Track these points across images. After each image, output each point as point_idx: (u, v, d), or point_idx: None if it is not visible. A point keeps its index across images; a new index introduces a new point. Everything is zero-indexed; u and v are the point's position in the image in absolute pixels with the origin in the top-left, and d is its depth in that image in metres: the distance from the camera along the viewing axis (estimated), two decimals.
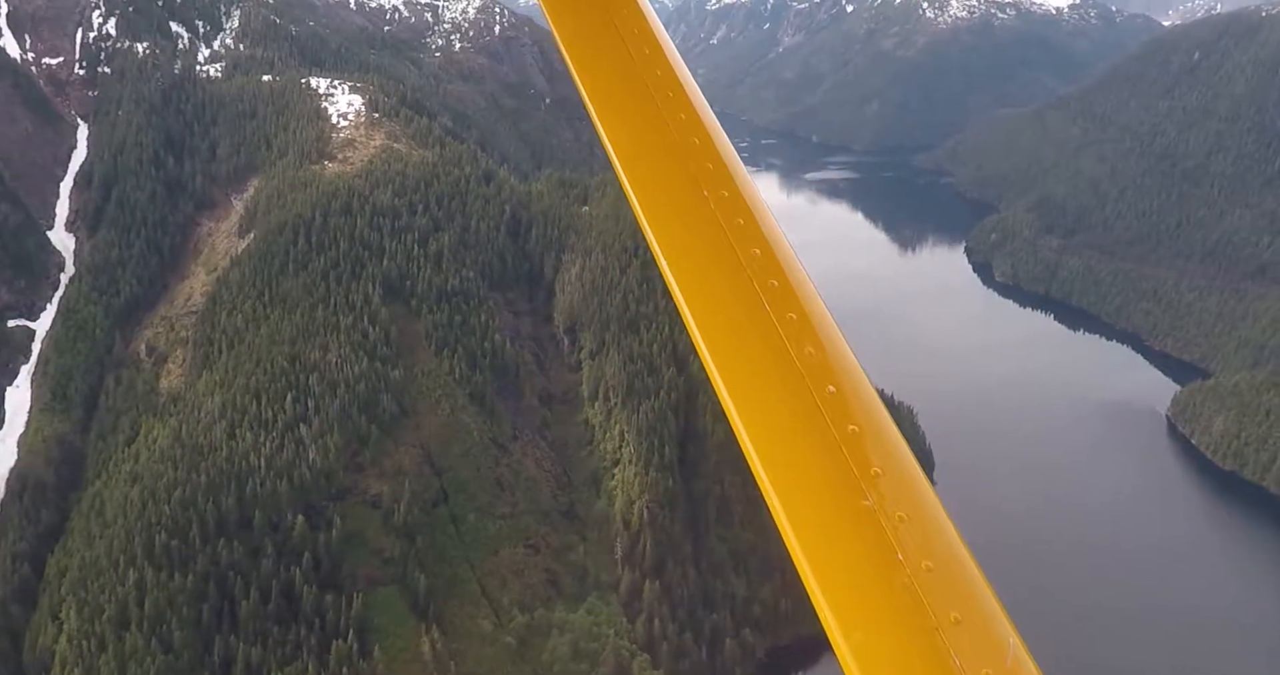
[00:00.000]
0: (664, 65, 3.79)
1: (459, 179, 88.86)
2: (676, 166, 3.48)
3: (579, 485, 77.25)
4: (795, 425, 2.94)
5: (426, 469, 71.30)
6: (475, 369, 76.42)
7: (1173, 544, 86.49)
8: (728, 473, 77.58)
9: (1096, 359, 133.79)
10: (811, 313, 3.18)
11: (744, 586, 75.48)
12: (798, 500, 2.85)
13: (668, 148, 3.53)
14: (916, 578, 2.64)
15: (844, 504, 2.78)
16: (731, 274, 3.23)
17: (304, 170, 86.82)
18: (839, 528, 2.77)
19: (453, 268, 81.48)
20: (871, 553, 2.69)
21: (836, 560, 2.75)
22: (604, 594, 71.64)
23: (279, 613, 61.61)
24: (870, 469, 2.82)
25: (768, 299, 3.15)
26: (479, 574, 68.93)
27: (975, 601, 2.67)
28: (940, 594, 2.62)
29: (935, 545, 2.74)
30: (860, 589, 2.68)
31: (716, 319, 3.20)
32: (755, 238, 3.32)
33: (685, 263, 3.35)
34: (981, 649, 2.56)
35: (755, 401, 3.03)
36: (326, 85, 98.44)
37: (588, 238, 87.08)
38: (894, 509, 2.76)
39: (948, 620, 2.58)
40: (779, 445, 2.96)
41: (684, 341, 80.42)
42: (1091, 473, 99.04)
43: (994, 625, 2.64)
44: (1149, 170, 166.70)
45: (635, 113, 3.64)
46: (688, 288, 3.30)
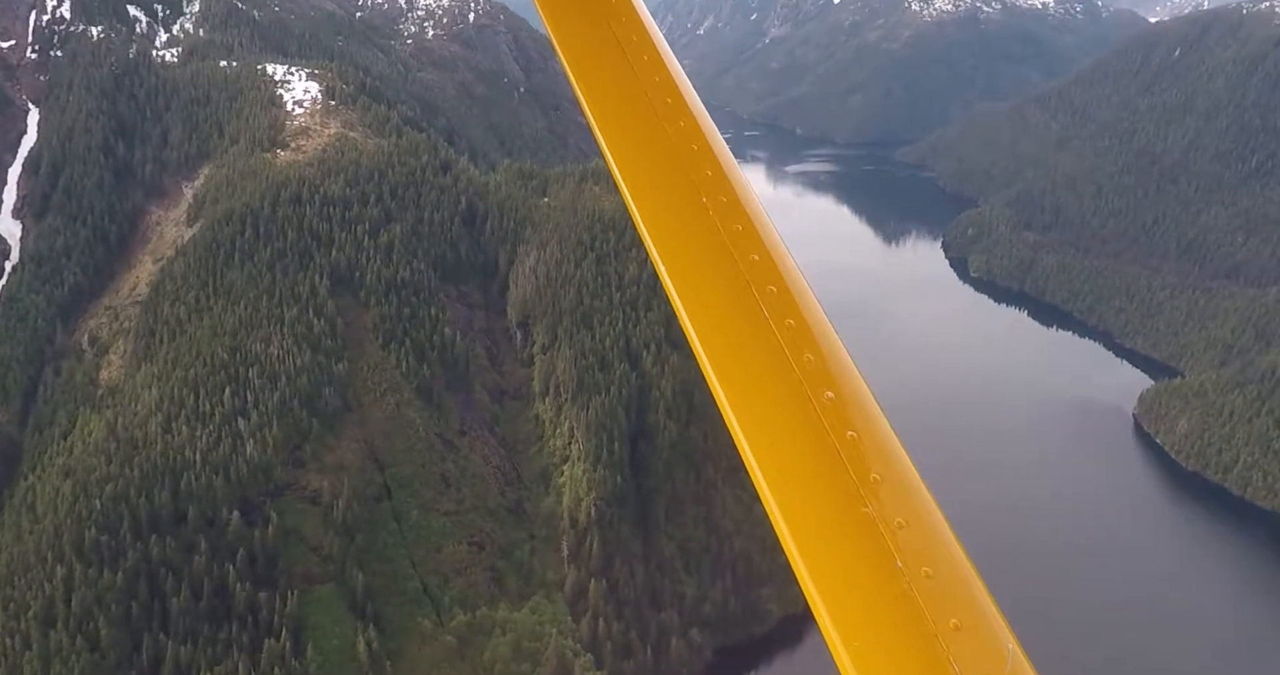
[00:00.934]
0: (662, 72, 3.81)
1: (414, 169, 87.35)
2: (675, 173, 3.50)
3: (528, 482, 76.12)
4: (794, 431, 2.93)
5: (369, 464, 70.04)
6: (423, 363, 75.14)
7: (1127, 543, 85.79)
8: (679, 470, 76.59)
9: (1067, 356, 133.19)
10: (810, 319, 3.19)
11: (694, 585, 74.52)
12: (797, 507, 2.83)
13: (666, 154, 3.55)
14: (916, 584, 2.64)
15: (843, 511, 2.78)
16: (730, 280, 3.24)
17: (255, 158, 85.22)
18: (838, 534, 2.76)
19: (404, 259, 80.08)
20: (870, 559, 2.69)
21: (836, 567, 2.74)
22: (550, 593, 70.61)
23: (211, 611, 60.34)
24: (869, 475, 2.83)
25: (766, 305, 3.17)
26: (421, 572, 67.78)
27: (974, 608, 2.67)
28: (939, 601, 2.62)
29: (934, 552, 2.74)
30: (859, 596, 2.69)
31: (715, 325, 3.21)
32: (754, 243, 3.34)
33: (684, 269, 3.34)
34: (981, 656, 2.55)
35: (754, 408, 3.02)
36: (283, 72, 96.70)
37: (544, 230, 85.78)
38: (893, 515, 2.76)
39: (947, 627, 2.57)
40: (778, 451, 2.94)
41: (638, 337, 79.38)
42: (1054, 471, 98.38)
43: (993, 632, 2.63)
44: (1127, 167, 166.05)
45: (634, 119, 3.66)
46: (686, 294, 3.28)
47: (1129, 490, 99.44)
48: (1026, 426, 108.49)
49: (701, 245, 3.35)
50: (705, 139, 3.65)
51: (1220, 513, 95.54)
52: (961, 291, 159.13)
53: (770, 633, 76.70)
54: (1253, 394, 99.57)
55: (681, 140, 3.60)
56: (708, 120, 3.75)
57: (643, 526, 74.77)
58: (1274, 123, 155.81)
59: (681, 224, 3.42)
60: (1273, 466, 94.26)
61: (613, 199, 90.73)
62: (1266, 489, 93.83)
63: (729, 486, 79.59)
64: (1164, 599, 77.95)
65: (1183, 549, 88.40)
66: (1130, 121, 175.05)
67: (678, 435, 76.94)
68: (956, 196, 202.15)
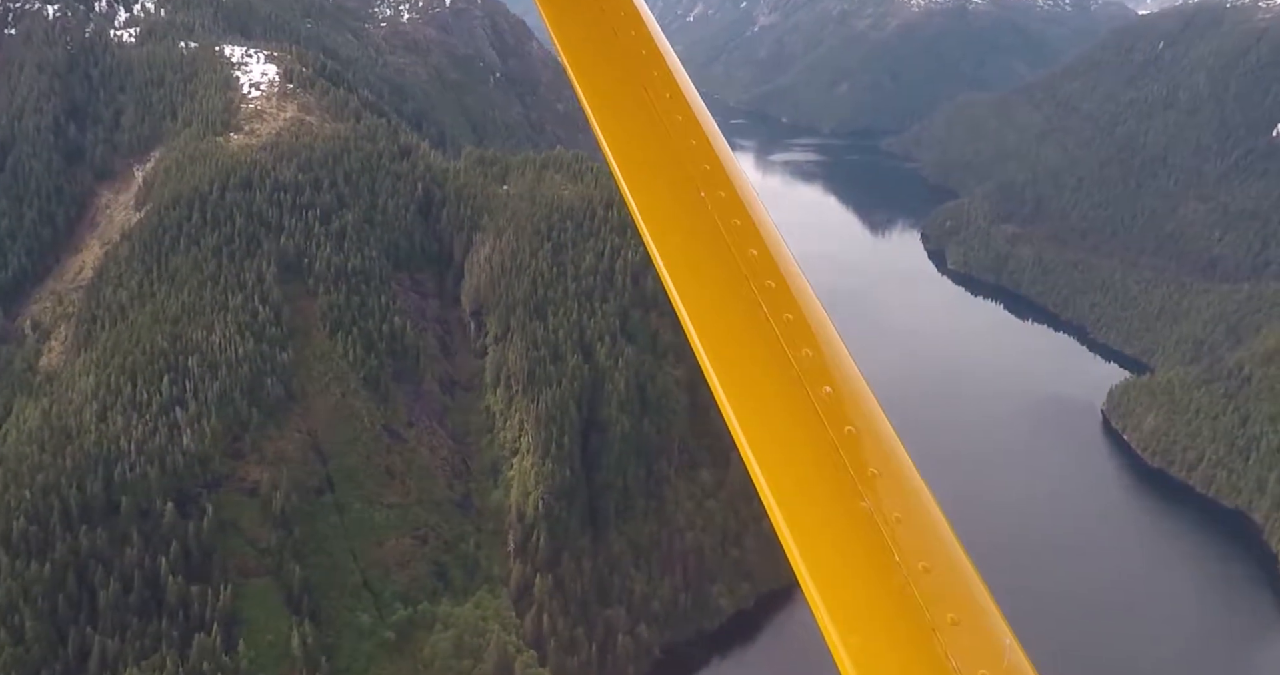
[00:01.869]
0: (661, 67, 3.81)
1: (371, 154, 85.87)
2: (674, 167, 3.50)
3: (477, 475, 74.99)
4: (792, 426, 2.94)
5: (311, 456, 68.81)
6: (371, 352, 73.84)
7: (1084, 540, 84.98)
8: (631, 464, 75.54)
9: (1040, 350, 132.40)
10: (809, 314, 3.19)
11: (643, 581, 73.57)
12: (795, 501, 2.84)
13: (665, 149, 3.54)
14: (913, 579, 2.64)
15: (841, 505, 2.78)
16: (728, 275, 3.24)
17: (206, 142, 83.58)
18: (836, 529, 2.76)
19: (355, 247, 78.68)
20: (868, 554, 2.70)
21: (833, 562, 2.74)
22: (495, 588, 69.61)
23: (141, 604, 59.12)
24: (867, 470, 2.84)
25: (765, 300, 3.17)
26: (361, 565, 66.64)
27: (972, 602, 2.68)
28: (937, 595, 2.63)
29: (932, 546, 2.74)
30: (857, 590, 2.69)
31: (713, 320, 3.20)
32: (752, 238, 3.33)
33: (682, 263, 3.33)
34: (978, 650, 2.56)
35: (752, 402, 3.02)
36: (241, 54, 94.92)
37: (501, 218, 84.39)
38: (890, 510, 2.76)
39: (945, 621, 2.58)
40: (776, 446, 2.94)
41: (592, 328, 78.19)
42: (1018, 467, 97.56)
43: (991, 626, 2.65)
44: (1108, 160, 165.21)
45: (632, 114, 3.65)
46: (684, 288, 3.26)
47: (1092, 487, 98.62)
48: (994, 421, 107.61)
49: (700, 240, 3.34)
50: (704, 133, 3.64)
51: (1183, 510, 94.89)
52: (938, 284, 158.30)
53: (721, 629, 75.87)
54: (1219, 391, 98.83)
55: (680, 135, 3.58)
56: (706, 114, 3.76)
57: (592, 521, 73.72)
58: (1254, 118, 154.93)
59: (679, 219, 3.40)
60: (1237, 464, 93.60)
61: (573, 187, 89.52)
62: (1230, 487, 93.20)
63: (682, 481, 78.68)
64: (1117, 595, 77.20)
65: (1141, 547, 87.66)
66: (1113, 114, 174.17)
67: (630, 429, 75.82)
68: (940, 187, 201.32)
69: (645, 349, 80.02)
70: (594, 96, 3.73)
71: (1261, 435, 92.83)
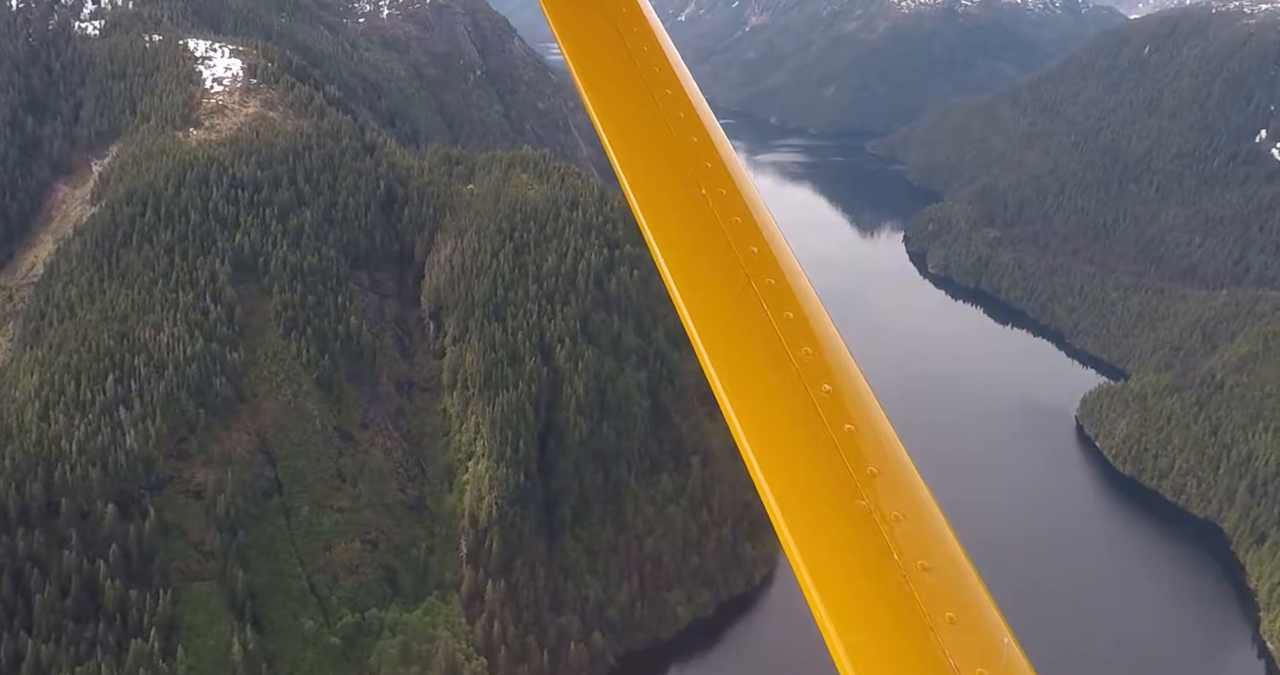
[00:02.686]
0: (663, 63, 3.83)
1: (333, 151, 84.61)
2: (675, 164, 3.50)
3: (433, 478, 73.84)
4: (791, 424, 2.94)
5: (260, 458, 67.59)
6: (325, 353, 72.60)
7: (1050, 548, 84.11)
8: (589, 469, 74.45)
9: (1017, 356, 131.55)
10: (809, 312, 3.19)
11: (599, 588, 72.54)
12: (794, 499, 2.84)
13: (666, 145, 3.55)
14: (912, 577, 2.65)
15: (840, 503, 2.78)
16: (729, 272, 3.24)
17: (165, 137, 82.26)
18: (835, 527, 2.77)
19: (312, 245, 77.44)
20: (867, 552, 2.70)
21: (832, 560, 2.74)
22: (446, 594, 68.52)
23: (77, 608, 57.90)
24: (866, 468, 2.84)
25: (765, 298, 3.18)
26: (308, 570, 65.49)
27: (970, 601, 2.68)
28: (935, 594, 2.63)
29: (930, 545, 2.75)
30: (856, 588, 2.69)
31: (713, 317, 3.20)
32: (753, 236, 3.33)
33: (682, 260, 3.33)
34: (976, 648, 2.57)
35: (752, 400, 3.02)
36: (205, 48, 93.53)
37: (463, 217, 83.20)
38: (889, 509, 2.77)
39: (943, 620, 2.59)
40: (775, 444, 2.94)
41: (552, 330, 77.10)
42: (989, 473, 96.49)
43: (989, 625, 2.65)
44: (1091, 164, 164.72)
45: (634, 110, 3.66)
46: (685, 285, 3.26)
47: (1061, 494, 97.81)
48: (966, 426, 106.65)
49: (700, 237, 3.32)
50: (705, 130, 3.62)
51: (1152, 520, 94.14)
52: (919, 287, 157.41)
53: (678, 637, 74.87)
54: (1191, 399, 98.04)
55: (681, 132, 3.58)
56: (708, 112, 3.74)
57: (547, 526, 72.64)
58: (1236, 123, 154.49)
59: (680, 216, 3.39)
60: (1207, 473, 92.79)
61: (539, 187, 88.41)
62: (1200, 496, 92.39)
63: (642, 486, 77.66)
64: (1078, 606, 76.22)
65: (1107, 557, 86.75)
66: (1097, 119, 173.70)
67: (588, 433, 74.74)
68: (924, 190, 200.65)
69: (607, 352, 78.94)
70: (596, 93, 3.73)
71: (1232, 444, 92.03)
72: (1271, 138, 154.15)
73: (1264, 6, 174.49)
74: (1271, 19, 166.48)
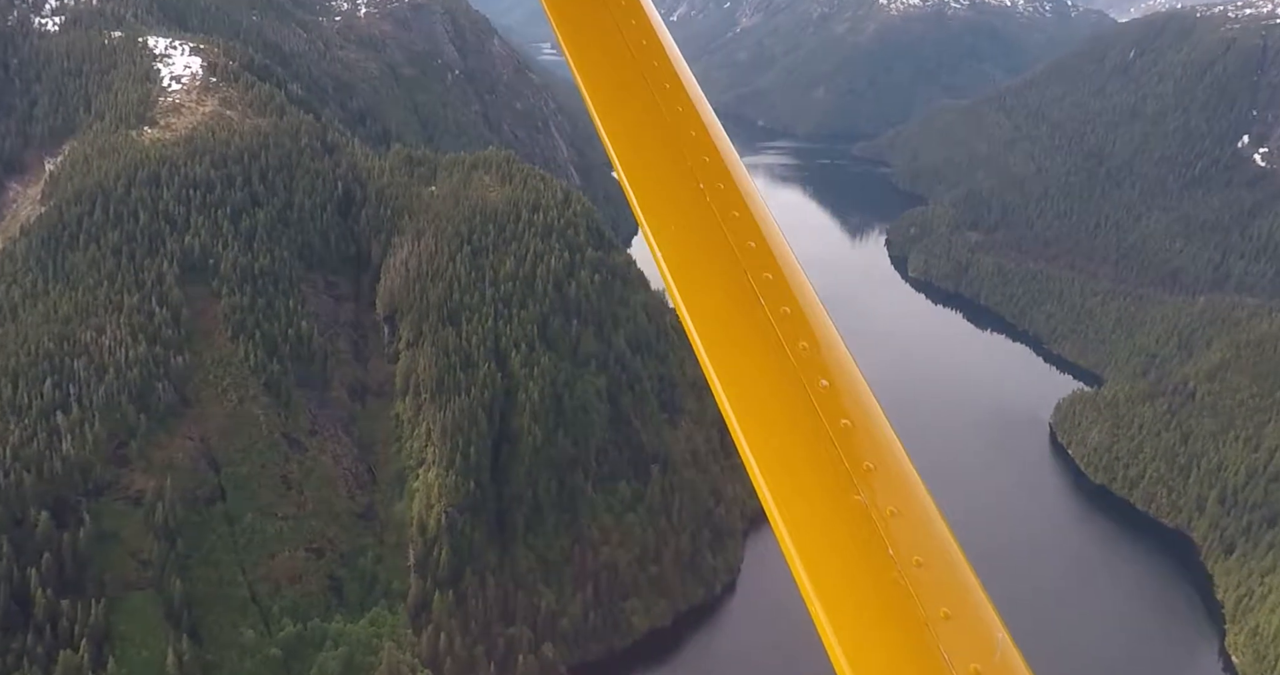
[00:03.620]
0: (661, 57, 3.80)
1: (291, 151, 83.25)
2: (673, 158, 3.50)
3: (383, 485, 72.48)
4: (788, 419, 2.95)
5: (203, 464, 66.21)
6: (274, 357, 71.20)
7: (1016, 557, 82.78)
8: (543, 477, 73.11)
9: (994, 361, 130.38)
10: (806, 307, 3.20)
11: (552, 598, 71.14)
12: (790, 494, 2.84)
13: (664, 139, 3.55)
14: (907, 573, 2.65)
15: (835, 498, 2.79)
16: (726, 266, 3.24)
17: (119, 135, 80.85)
18: (830, 522, 2.77)
19: (265, 247, 76.06)
20: (862, 548, 2.71)
21: (827, 554, 2.75)
22: (393, 604, 67.13)
23: (6, 618, 56.44)
24: (862, 464, 2.84)
25: (762, 292, 3.17)
26: (250, 579, 64.08)
27: (965, 597, 2.68)
28: (930, 589, 2.64)
29: (926, 541, 2.75)
30: (851, 584, 2.70)
31: (711, 311, 3.21)
32: (751, 230, 3.34)
33: (680, 254, 3.34)
34: (971, 644, 2.57)
35: (749, 395, 3.03)
36: (165, 45, 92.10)
37: (421, 219, 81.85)
38: (885, 504, 2.77)
39: (937, 615, 2.59)
40: (771, 439, 2.95)
41: (508, 335, 75.77)
42: (960, 480, 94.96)
43: (983, 621, 2.65)
44: (1075, 169, 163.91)
45: (632, 104, 3.66)
46: (682, 279, 3.27)
47: (1032, 503, 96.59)
48: (939, 433, 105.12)
49: (698, 232, 3.33)
50: (703, 125, 3.63)
51: (1122, 529, 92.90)
52: (900, 291, 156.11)
53: (634, 647, 73.47)
54: (1163, 407, 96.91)
55: (679, 125, 3.58)
56: (706, 106, 3.73)
57: (499, 535, 71.29)
58: (1219, 129, 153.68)
59: (678, 210, 3.40)
60: (1177, 482, 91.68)
61: (501, 189, 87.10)
62: (1170, 506, 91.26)
63: (600, 494, 76.32)
64: (1043, 617, 74.98)
65: (1075, 567, 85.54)
66: (1081, 123, 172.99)
67: (543, 440, 73.43)
68: (909, 194, 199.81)
69: (565, 357, 77.67)
70: (595, 87, 3.71)
71: (1202, 453, 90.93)
72: (1254, 143, 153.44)
73: (1248, 11, 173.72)
74: (1255, 24, 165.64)
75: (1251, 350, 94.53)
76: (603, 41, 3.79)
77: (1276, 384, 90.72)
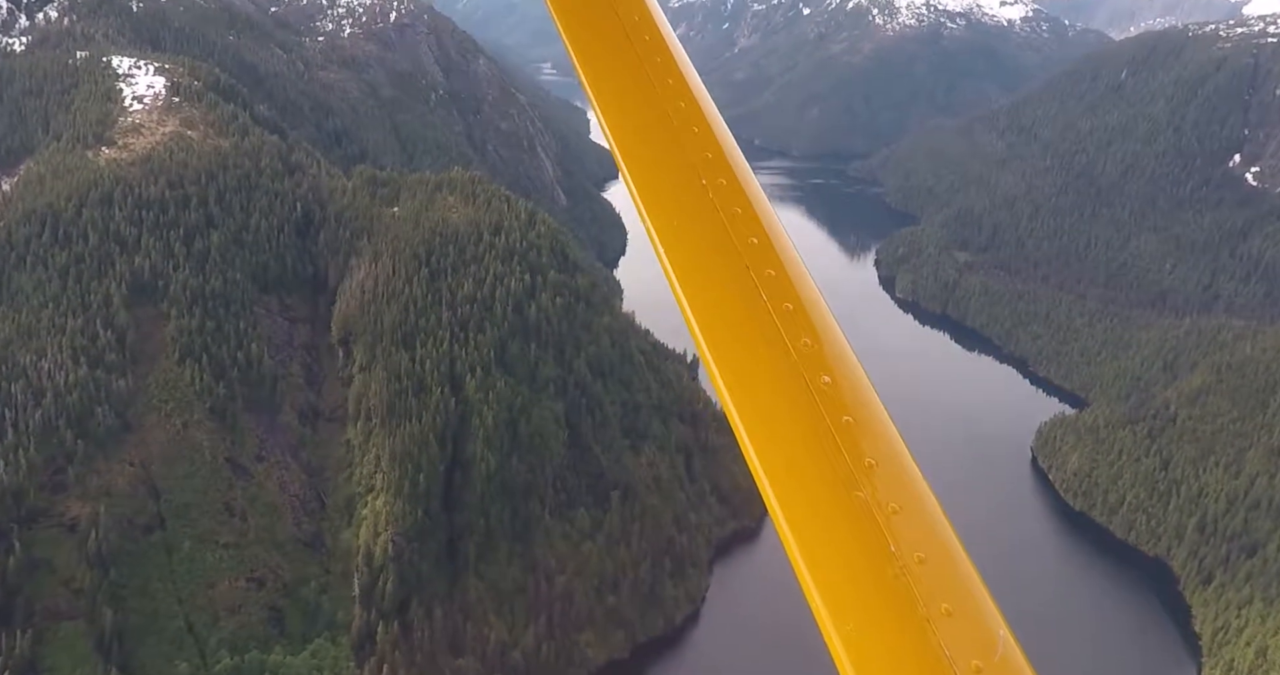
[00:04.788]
0: (664, 52, 3.80)
1: (250, 172, 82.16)
2: (675, 154, 3.49)
3: (332, 512, 70.87)
4: (790, 415, 2.94)
5: (143, 490, 64.69)
6: (221, 380, 69.79)
7: (989, 585, 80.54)
8: (496, 504, 71.43)
9: (978, 383, 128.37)
10: (808, 303, 3.20)
11: (504, 629, 69.31)
12: (791, 490, 2.85)
13: (667, 135, 3.54)
14: (908, 569, 2.65)
15: (837, 495, 2.79)
16: (729, 263, 3.24)
17: (74, 155, 79.87)
18: (832, 518, 2.77)
19: (217, 268, 74.84)
20: (864, 544, 2.71)
21: (829, 551, 2.75)
22: (336, 635, 65.34)
23: None
24: (864, 460, 2.84)
25: (764, 288, 3.17)
26: (187, 610, 62.39)
27: (967, 594, 2.68)
28: (932, 586, 2.64)
29: (928, 537, 2.75)
30: (852, 580, 2.71)
31: (713, 307, 3.21)
32: (753, 227, 3.33)
33: (682, 250, 3.34)
34: (972, 641, 2.57)
35: (751, 391, 3.04)
36: (130, 65, 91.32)
37: (380, 241, 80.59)
38: (887, 500, 2.77)
39: (939, 612, 2.59)
40: (774, 435, 2.95)
41: (464, 359, 74.32)
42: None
43: (985, 618, 2.66)
44: (1066, 188, 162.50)
45: (635, 99, 3.64)
46: (685, 275, 3.27)
47: (1011, 530, 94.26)
48: (919, 458, 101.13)
49: (700, 228, 3.32)
50: (706, 121, 3.62)
51: (1102, 558, 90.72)
52: (885, 311, 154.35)
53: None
54: (1143, 432, 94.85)
55: (682, 122, 3.56)
56: (709, 102, 3.72)
57: (450, 564, 69.58)
58: (1210, 148, 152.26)
59: (681, 206, 3.39)
60: (1157, 510, 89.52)
61: (463, 210, 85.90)
62: (1149, 533, 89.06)
63: (556, 521, 74.60)
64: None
65: (1050, 596, 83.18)
66: (1073, 142, 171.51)
67: (497, 466, 71.78)
68: (901, 213, 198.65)
69: (523, 381, 76.13)
70: (596, 81, 3.69)
71: (1182, 479, 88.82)
72: (1246, 162, 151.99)
73: (1240, 30, 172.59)
74: (1246, 43, 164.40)
75: (1233, 374, 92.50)
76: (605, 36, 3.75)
77: (1258, 408, 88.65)
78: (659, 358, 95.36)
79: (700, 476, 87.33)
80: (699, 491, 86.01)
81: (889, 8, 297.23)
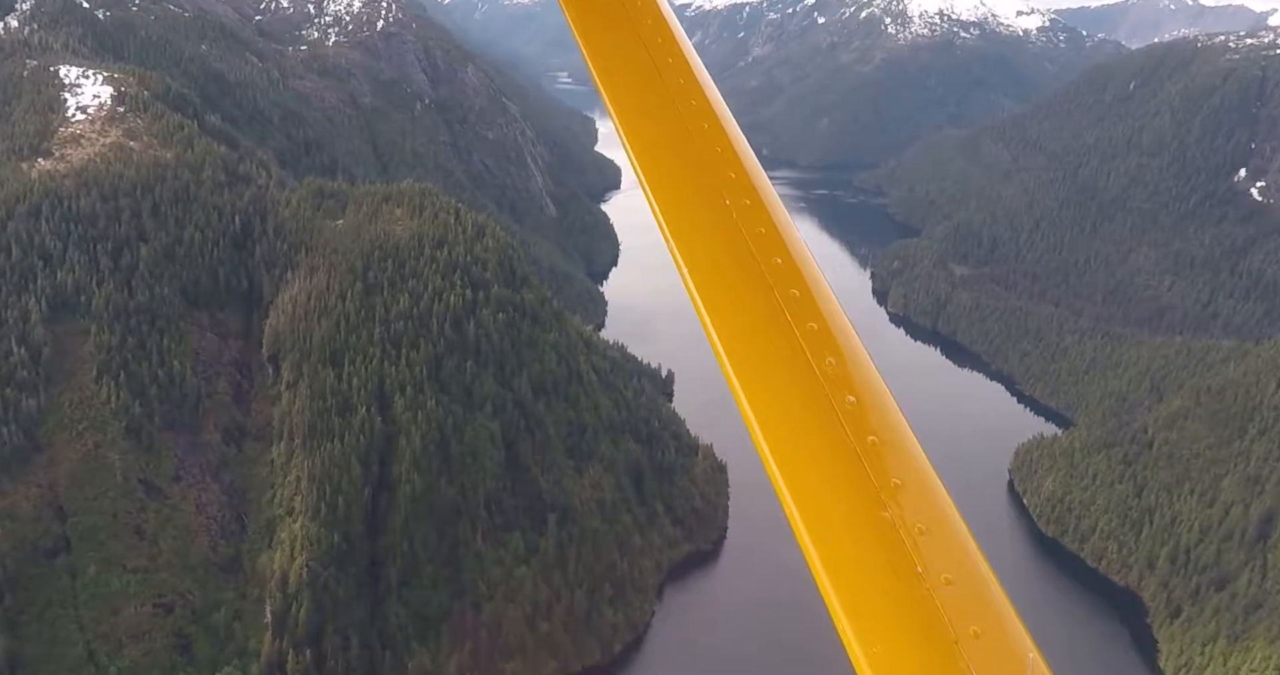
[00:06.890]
0: (687, 74, 3.78)
1: (189, 184, 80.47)
2: (699, 174, 3.47)
3: (253, 535, 68.71)
4: (815, 435, 2.92)
5: (48, 513, 62.86)
6: (139, 399, 67.91)
7: None
8: (422, 528, 69.01)
9: (963, 401, 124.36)
10: (832, 323, 3.18)
11: (426, 658, 66.87)
12: (816, 510, 2.82)
13: (691, 156, 3.52)
14: (936, 591, 2.64)
15: (863, 515, 2.76)
16: (753, 283, 3.22)
17: (7, 167, 78.49)
18: (858, 539, 2.75)
19: (145, 283, 73.08)
20: (891, 564, 2.69)
21: (855, 571, 2.72)
22: (246, 663, 63.10)
23: None
24: (890, 480, 2.82)
25: (789, 309, 3.16)
26: (88, 636, 60.43)
27: (995, 615, 2.70)
28: (960, 607, 2.63)
29: (956, 558, 2.76)
30: (880, 601, 2.67)
31: (737, 328, 3.18)
32: (777, 247, 3.31)
33: (706, 271, 3.29)
34: (1001, 663, 2.56)
35: (775, 411, 3.00)
36: (78, 74, 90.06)
37: (316, 255, 78.59)
38: (914, 521, 2.76)
39: (967, 633, 2.58)
40: (798, 455, 2.91)
41: (393, 378, 72.02)
42: None
43: (1014, 639, 2.66)
44: (1068, 201, 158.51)
45: (657, 120, 3.61)
46: (708, 296, 3.23)
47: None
48: None
49: (724, 248, 3.29)
50: (729, 141, 3.61)
51: (1072, 587, 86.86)
52: (877, 326, 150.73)
53: None
54: (1118, 457, 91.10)
55: (705, 142, 3.55)
56: (732, 122, 3.70)
57: (372, 590, 67.22)
58: (1214, 162, 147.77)
59: (704, 226, 3.35)
60: (1129, 538, 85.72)
61: (409, 223, 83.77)
62: (1120, 562, 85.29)
63: (488, 545, 72.07)
64: None
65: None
66: (1077, 155, 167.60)
67: (424, 489, 69.40)
68: (904, 225, 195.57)
69: (457, 400, 73.77)
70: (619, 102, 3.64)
71: (1156, 507, 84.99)
72: (1251, 176, 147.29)
73: (1249, 41, 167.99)
74: (1255, 54, 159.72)
75: (1211, 398, 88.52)
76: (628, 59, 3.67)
77: (1235, 434, 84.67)
78: (618, 375, 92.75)
79: (653, 498, 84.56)
80: (649, 513, 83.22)
81: (902, 17, 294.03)
